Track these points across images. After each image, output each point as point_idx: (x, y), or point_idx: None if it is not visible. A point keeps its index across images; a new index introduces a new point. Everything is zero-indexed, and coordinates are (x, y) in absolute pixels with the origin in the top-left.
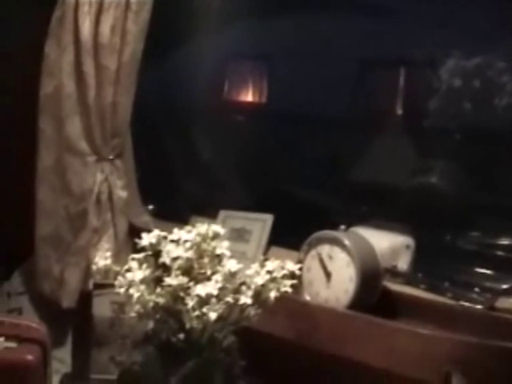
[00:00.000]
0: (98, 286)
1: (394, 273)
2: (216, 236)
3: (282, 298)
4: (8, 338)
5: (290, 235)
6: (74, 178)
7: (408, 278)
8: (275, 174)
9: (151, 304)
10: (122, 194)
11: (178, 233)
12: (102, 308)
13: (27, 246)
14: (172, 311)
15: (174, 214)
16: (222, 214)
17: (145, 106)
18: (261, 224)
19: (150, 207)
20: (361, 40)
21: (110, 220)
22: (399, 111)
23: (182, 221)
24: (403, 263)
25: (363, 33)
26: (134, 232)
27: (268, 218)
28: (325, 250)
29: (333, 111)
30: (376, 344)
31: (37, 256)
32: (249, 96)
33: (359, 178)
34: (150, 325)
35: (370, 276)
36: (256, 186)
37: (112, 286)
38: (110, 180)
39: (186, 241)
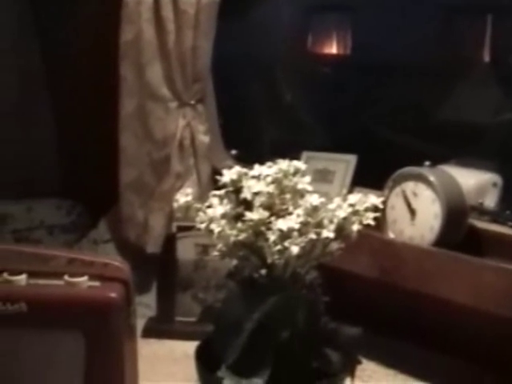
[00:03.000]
0: (181, 229)
1: (480, 210)
2: (297, 171)
3: (366, 236)
4: (91, 277)
5: (374, 177)
6: (157, 124)
7: (495, 216)
8: (359, 117)
9: (232, 239)
10: (204, 138)
11: (258, 168)
12: (185, 251)
13: (112, 193)
14: (254, 247)
15: (256, 157)
16: (305, 155)
17: (227, 54)
18: (344, 164)
19: (233, 152)
20: None
21: (192, 165)
22: (484, 51)
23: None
24: (490, 201)
25: None
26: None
27: (352, 159)
28: (409, 186)
29: (417, 58)
30: (462, 281)
31: (121, 202)
32: (332, 46)
33: (444, 118)
34: (233, 264)
35: (456, 213)
36: (340, 130)
37: (195, 227)
38: (192, 125)
39: (267, 175)
